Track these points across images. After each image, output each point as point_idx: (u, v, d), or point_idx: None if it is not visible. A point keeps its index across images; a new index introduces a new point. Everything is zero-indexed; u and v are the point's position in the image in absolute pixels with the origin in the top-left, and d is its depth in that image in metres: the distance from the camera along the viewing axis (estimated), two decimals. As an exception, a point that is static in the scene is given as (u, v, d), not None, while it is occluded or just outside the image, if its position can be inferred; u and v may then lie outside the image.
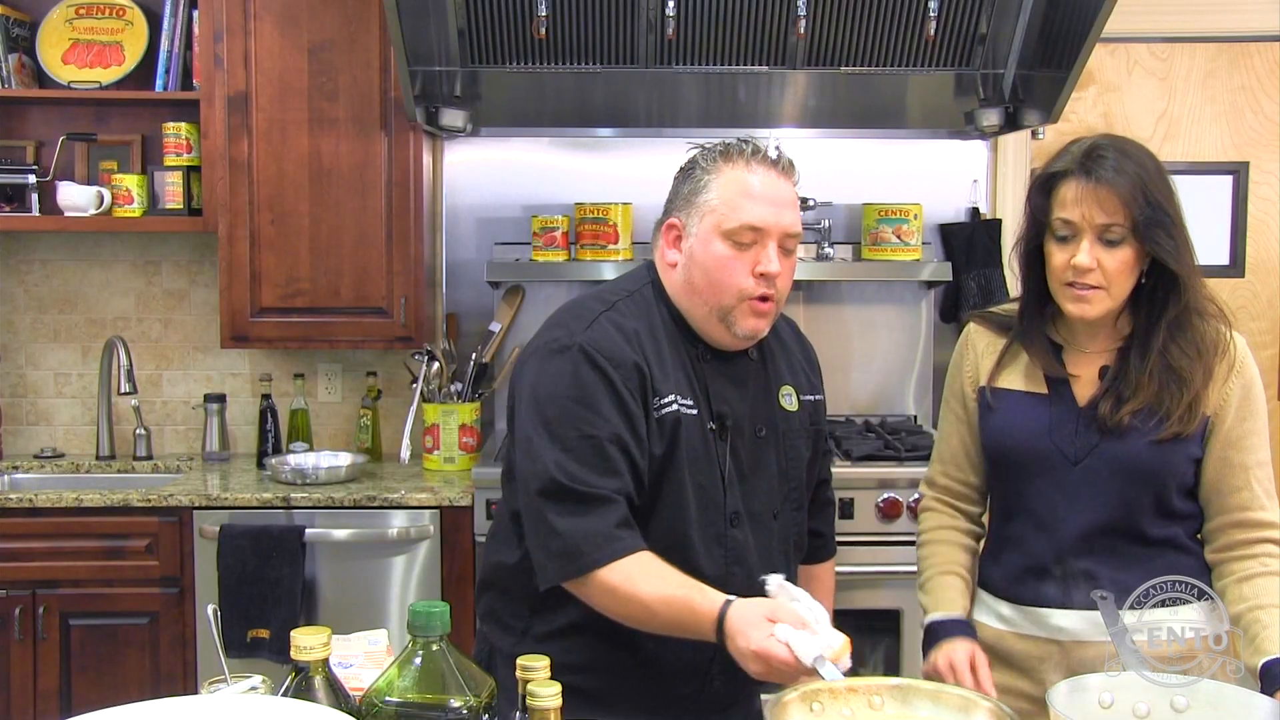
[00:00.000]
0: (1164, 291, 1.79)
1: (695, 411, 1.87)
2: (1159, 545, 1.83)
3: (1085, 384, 1.85)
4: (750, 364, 1.95)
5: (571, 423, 1.79)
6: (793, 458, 1.98)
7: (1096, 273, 1.77)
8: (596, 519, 1.75)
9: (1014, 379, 1.90)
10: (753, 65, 3.34)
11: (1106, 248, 1.76)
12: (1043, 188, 1.82)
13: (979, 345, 1.97)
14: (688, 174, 1.96)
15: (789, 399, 1.98)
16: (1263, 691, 1.57)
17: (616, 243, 3.39)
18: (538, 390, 1.83)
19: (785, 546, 1.98)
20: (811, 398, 2.04)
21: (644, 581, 1.73)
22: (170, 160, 3.45)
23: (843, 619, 2.05)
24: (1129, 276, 1.78)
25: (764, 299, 1.84)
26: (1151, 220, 1.75)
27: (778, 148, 1.94)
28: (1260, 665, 1.67)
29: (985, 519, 2.05)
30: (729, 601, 1.68)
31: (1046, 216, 1.81)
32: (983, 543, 2.03)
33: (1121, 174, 1.75)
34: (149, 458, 3.60)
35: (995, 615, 1.94)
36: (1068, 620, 1.85)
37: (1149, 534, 1.82)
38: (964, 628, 1.88)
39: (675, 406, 1.84)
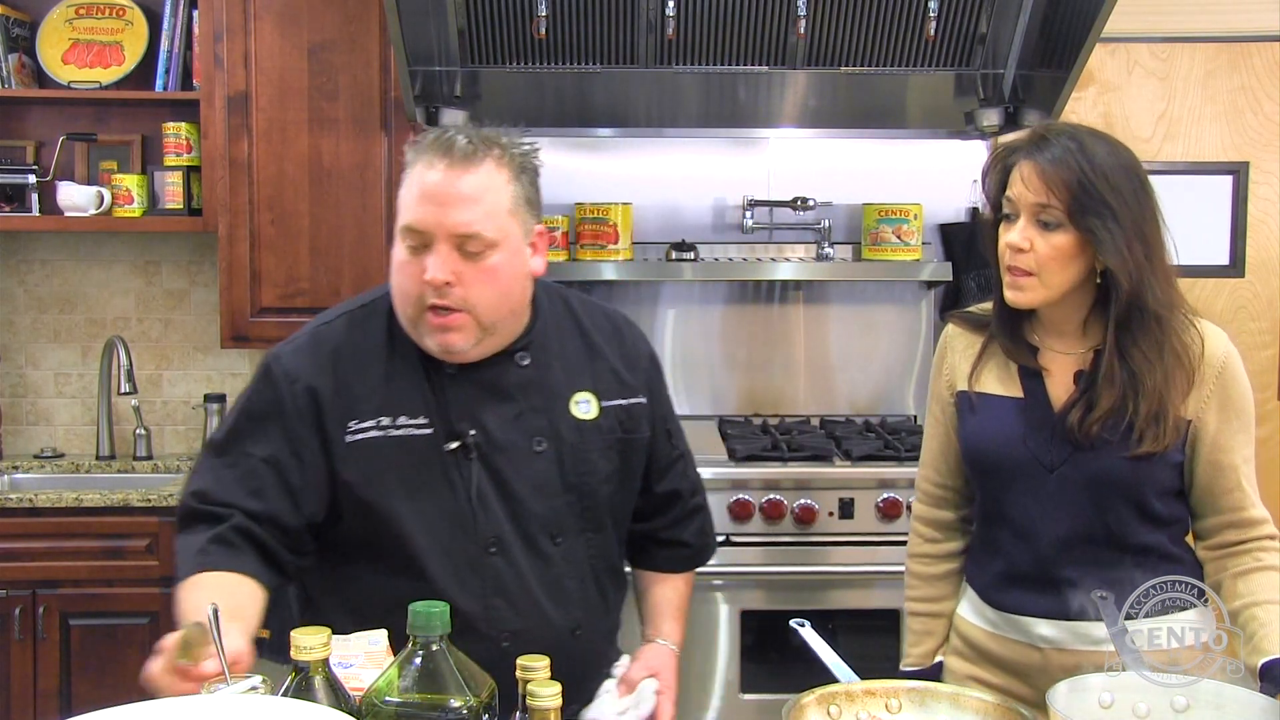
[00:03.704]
0: (1114, 290, 1.75)
1: (430, 431, 1.74)
2: (1143, 553, 1.80)
3: (1060, 386, 1.82)
4: (520, 371, 1.79)
5: (237, 439, 1.73)
6: (586, 472, 1.81)
7: (1029, 256, 1.74)
8: (198, 535, 1.66)
9: (990, 382, 1.87)
10: (753, 65, 3.34)
11: (1042, 230, 1.73)
12: (999, 166, 1.80)
13: (957, 347, 1.94)
14: None
15: (584, 406, 1.82)
16: (1262, 691, 1.56)
17: (616, 243, 3.39)
18: (232, 405, 1.80)
19: (581, 572, 1.82)
20: (622, 402, 1.86)
21: (183, 594, 1.62)
22: (170, 160, 3.45)
23: (842, 619, 2.06)
24: (1064, 264, 1.74)
25: (442, 310, 1.68)
26: (1086, 208, 1.70)
27: (473, 130, 1.73)
28: (1260, 665, 1.66)
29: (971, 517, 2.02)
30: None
31: (999, 197, 1.80)
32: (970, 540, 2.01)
33: (1059, 159, 1.72)
34: (149, 458, 3.60)
35: (980, 615, 1.92)
36: (1049, 629, 1.83)
37: (1131, 541, 1.80)
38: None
39: (375, 431, 1.73)
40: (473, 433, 1.75)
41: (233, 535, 1.67)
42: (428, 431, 1.74)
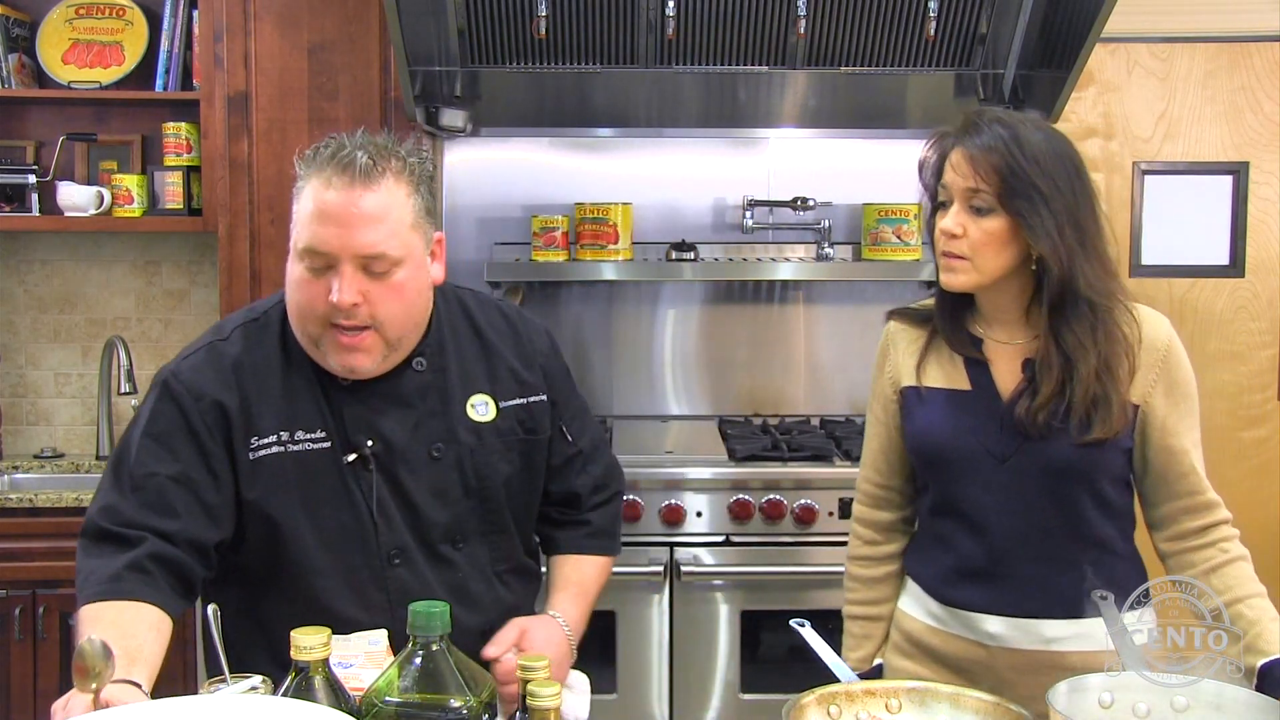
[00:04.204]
0: (1046, 275, 1.75)
1: (328, 445, 1.72)
2: (1096, 547, 1.80)
3: (1007, 376, 1.81)
4: (416, 377, 1.78)
5: (141, 459, 1.68)
6: (485, 475, 1.80)
7: (962, 241, 1.75)
8: (110, 560, 1.60)
9: (936, 376, 1.86)
10: (753, 65, 3.34)
11: (975, 215, 1.74)
12: (934, 154, 1.80)
13: (900, 343, 1.93)
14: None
15: (481, 409, 1.81)
16: (1263, 692, 1.56)
17: (616, 243, 3.39)
18: (129, 425, 1.76)
19: (487, 575, 1.82)
20: (521, 401, 1.85)
21: (85, 627, 1.54)
22: (170, 160, 3.45)
23: (836, 619, 2.04)
24: (997, 250, 1.75)
25: (347, 329, 1.67)
26: (1016, 192, 1.71)
27: (368, 141, 1.69)
28: (1259, 666, 1.66)
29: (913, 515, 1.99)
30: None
31: (935, 185, 1.80)
32: (912, 534, 1.99)
33: (989, 145, 1.72)
34: (149, 458, 3.60)
35: (924, 610, 1.90)
36: (997, 626, 1.81)
37: (1085, 533, 1.79)
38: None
39: (277, 446, 1.71)
40: (370, 443, 1.74)
41: (149, 563, 1.61)
42: (325, 445, 1.73)
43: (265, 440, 1.71)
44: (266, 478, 1.71)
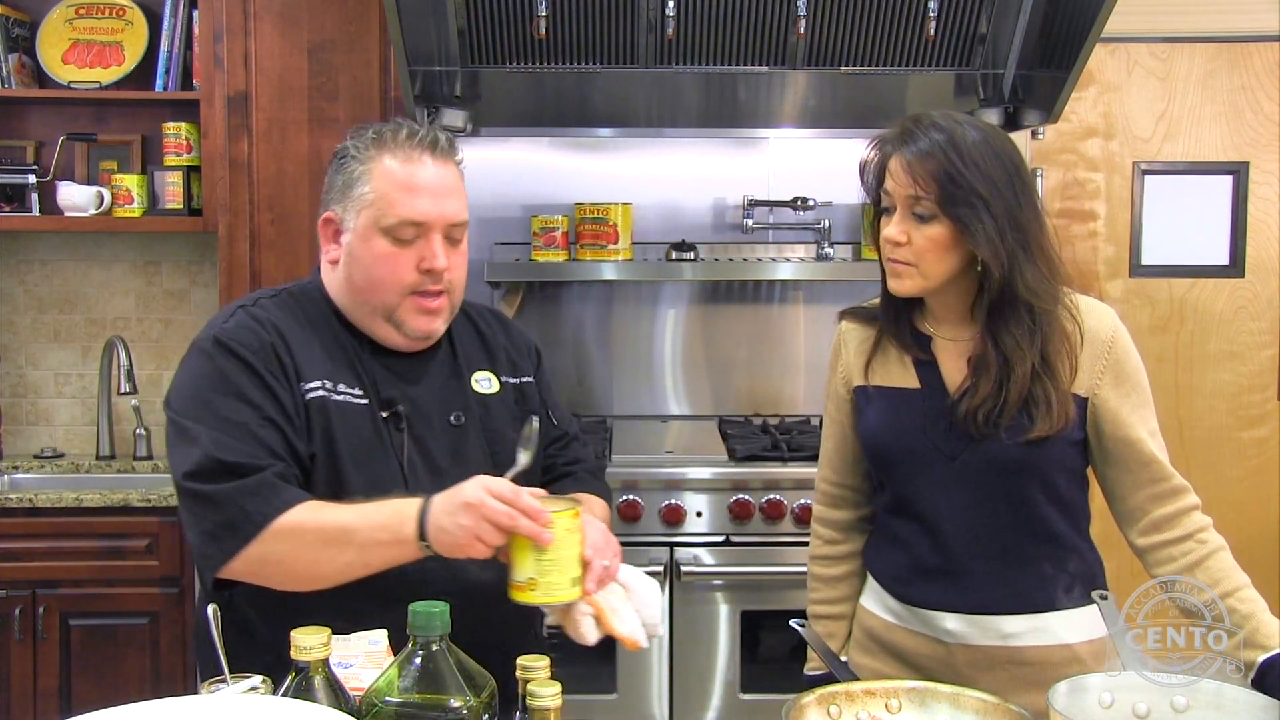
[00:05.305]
0: (987, 278, 1.74)
1: (365, 400, 1.81)
2: (1049, 542, 1.79)
3: (954, 374, 1.81)
4: (433, 352, 1.91)
5: (218, 412, 1.70)
6: (499, 441, 1.91)
7: (907, 248, 1.74)
8: (255, 480, 1.65)
9: (886, 375, 1.86)
10: (753, 65, 3.34)
11: (918, 222, 1.73)
12: (876, 160, 1.80)
13: (851, 343, 1.94)
14: (340, 164, 1.84)
15: (485, 383, 1.95)
16: (1264, 689, 1.56)
17: (616, 243, 3.39)
18: (183, 391, 1.77)
19: None
20: (515, 380, 1.99)
21: (327, 511, 1.65)
22: (170, 160, 3.46)
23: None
24: (942, 255, 1.74)
25: (432, 294, 1.81)
26: (955, 198, 1.70)
27: (435, 128, 1.88)
28: (1260, 662, 1.66)
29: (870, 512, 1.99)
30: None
31: (878, 191, 1.80)
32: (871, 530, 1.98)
33: (927, 152, 1.71)
34: (149, 457, 3.60)
35: (884, 607, 1.90)
36: (954, 623, 1.81)
37: (1038, 529, 1.79)
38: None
39: (322, 391, 1.78)
40: (400, 406, 1.83)
41: (289, 479, 1.70)
42: (364, 401, 1.82)
43: (312, 384, 1.79)
44: (318, 418, 1.77)
